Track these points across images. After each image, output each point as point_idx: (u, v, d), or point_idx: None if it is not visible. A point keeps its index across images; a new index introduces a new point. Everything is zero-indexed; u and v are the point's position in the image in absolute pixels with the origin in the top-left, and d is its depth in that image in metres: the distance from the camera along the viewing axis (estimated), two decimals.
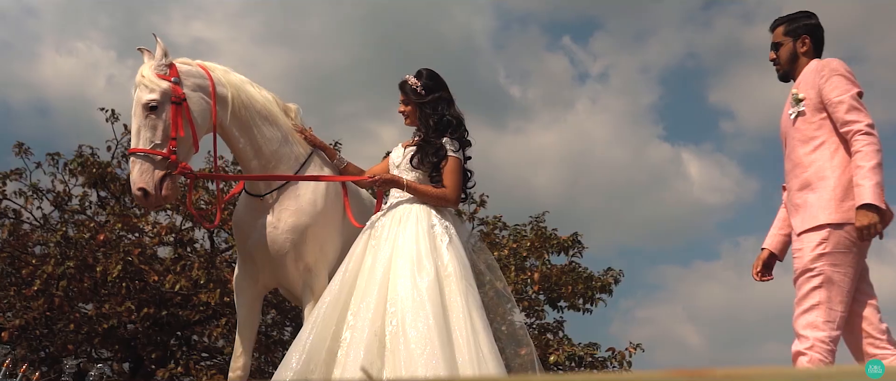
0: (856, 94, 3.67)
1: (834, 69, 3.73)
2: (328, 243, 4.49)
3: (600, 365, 10.86)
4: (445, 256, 4.20)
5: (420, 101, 4.51)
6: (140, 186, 3.92)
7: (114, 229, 10.50)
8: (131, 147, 3.99)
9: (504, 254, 11.28)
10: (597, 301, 11.56)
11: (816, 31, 3.97)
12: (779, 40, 4.00)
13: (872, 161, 3.54)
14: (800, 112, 3.80)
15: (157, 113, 4.00)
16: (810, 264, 3.59)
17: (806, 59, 3.92)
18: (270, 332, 11.38)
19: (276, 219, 4.39)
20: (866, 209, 3.48)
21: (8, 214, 10.99)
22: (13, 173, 11.07)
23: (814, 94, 3.75)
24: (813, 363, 3.51)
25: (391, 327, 3.96)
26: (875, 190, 3.48)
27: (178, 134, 4.02)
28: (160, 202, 4.00)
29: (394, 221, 4.35)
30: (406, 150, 4.53)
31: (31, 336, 10.13)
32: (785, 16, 4.04)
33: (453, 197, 4.42)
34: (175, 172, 4.00)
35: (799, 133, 3.80)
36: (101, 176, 11.23)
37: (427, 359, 3.81)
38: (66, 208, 11.35)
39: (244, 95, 4.33)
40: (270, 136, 4.38)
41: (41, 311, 9.84)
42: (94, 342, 10.30)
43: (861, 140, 3.59)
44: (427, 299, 3.99)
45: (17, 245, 10.60)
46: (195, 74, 4.22)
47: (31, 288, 9.76)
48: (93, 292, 10.16)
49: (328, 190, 4.53)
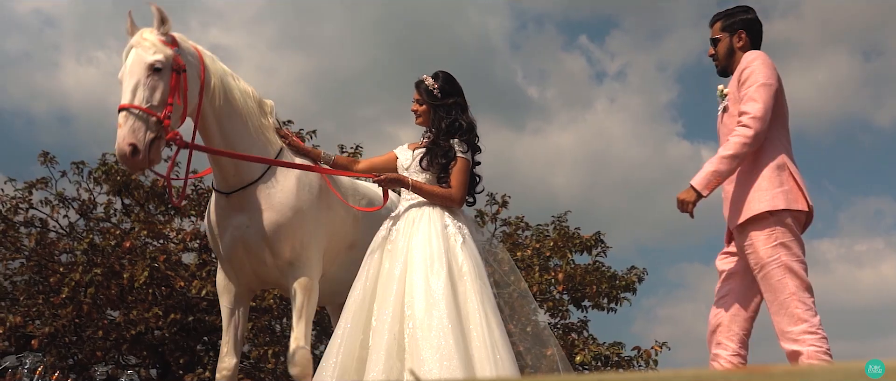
0: (760, 85, 3.70)
1: (749, 62, 3.79)
2: (308, 237, 4.38)
3: (626, 364, 10.82)
4: (459, 255, 4.21)
5: (435, 102, 4.52)
6: (130, 142, 3.75)
7: (139, 235, 10.56)
8: (125, 102, 3.83)
9: (527, 254, 11.28)
10: (621, 301, 11.52)
11: (753, 26, 3.99)
12: (716, 36, 4.04)
13: (727, 151, 3.64)
14: (724, 107, 3.87)
15: (159, 76, 3.92)
16: (767, 257, 3.62)
17: (742, 53, 3.93)
18: None
19: (248, 218, 4.30)
20: (690, 187, 3.64)
21: (35, 223, 11.08)
22: (39, 183, 11.17)
23: (735, 87, 3.81)
24: (810, 357, 3.52)
25: (408, 329, 3.98)
26: (706, 175, 3.64)
27: (175, 101, 3.94)
28: (144, 164, 3.81)
29: (407, 223, 4.36)
30: (415, 152, 4.53)
31: (60, 344, 10.22)
32: (722, 11, 4.07)
33: (458, 197, 4.41)
34: (166, 137, 3.88)
35: (725, 128, 3.85)
36: (124, 184, 11.30)
37: (441, 358, 3.82)
38: (92, 215, 11.45)
39: (225, 86, 4.29)
40: (242, 130, 4.32)
41: (70, 318, 9.92)
42: (123, 349, 10.38)
43: (737, 130, 3.67)
44: (441, 299, 4.00)
45: (44, 254, 10.68)
46: (190, 52, 4.19)
47: (60, 296, 9.83)
48: (120, 298, 10.24)
49: (302, 185, 4.42)
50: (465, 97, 4.61)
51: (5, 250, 10.75)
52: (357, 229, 4.71)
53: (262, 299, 10.00)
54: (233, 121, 4.28)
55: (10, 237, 10.73)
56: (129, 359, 10.88)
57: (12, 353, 9.94)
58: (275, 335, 11.00)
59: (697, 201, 3.66)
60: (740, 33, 3.95)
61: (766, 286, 3.64)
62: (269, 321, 10.68)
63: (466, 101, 4.61)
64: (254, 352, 10.49)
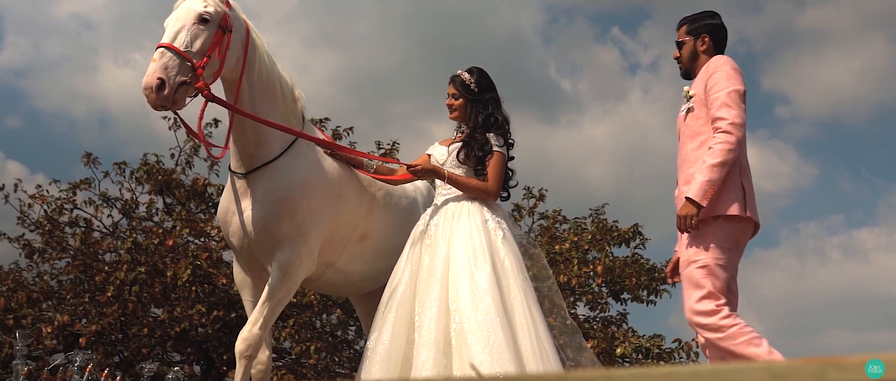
0: (732, 91, 3.76)
1: (718, 66, 3.86)
2: (309, 221, 4.28)
3: (668, 356, 10.76)
4: (501, 250, 4.23)
5: (472, 96, 4.56)
6: (159, 77, 3.75)
7: (181, 234, 10.71)
8: (165, 41, 3.87)
9: (565, 248, 11.26)
10: (661, 293, 11.45)
11: (717, 31, 4.08)
12: (681, 39, 4.12)
13: (716, 159, 3.66)
14: (690, 108, 3.91)
15: (205, 26, 3.95)
16: (694, 256, 3.72)
17: (705, 57, 4.03)
18: (336, 332, 11.51)
19: (253, 200, 4.26)
20: (689, 201, 3.66)
21: (79, 223, 11.27)
22: (83, 183, 11.35)
23: (702, 90, 3.86)
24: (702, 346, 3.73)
25: (455, 324, 4.00)
26: (702, 187, 3.64)
27: (213, 55, 3.94)
28: (167, 103, 3.79)
29: (447, 218, 4.38)
30: (450, 147, 4.56)
31: (106, 341, 10.39)
32: (688, 15, 4.15)
33: (494, 190, 4.44)
34: (197, 85, 3.88)
35: (688, 129, 3.91)
36: (166, 183, 11.46)
37: (491, 352, 3.84)
38: (134, 215, 11.62)
39: (266, 63, 4.30)
40: (271, 108, 4.29)
41: (116, 317, 10.08)
42: (167, 346, 10.53)
43: (718, 137, 3.71)
44: (487, 293, 4.02)
45: (89, 253, 10.86)
46: (240, 21, 4.21)
47: (105, 294, 9.99)
48: (163, 296, 10.38)
49: (315, 168, 4.38)
50: (498, 93, 4.66)
51: (51, 250, 10.95)
52: (370, 221, 4.68)
53: (302, 295, 10.09)
54: (264, 98, 4.27)
55: (55, 237, 10.93)
56: (173, 356, 11.04)
57: (60, 351, 10.14)
58: (316, 330, 11.09)
59: (699, 214, 3.70)
60: (704, 37, 4.04)
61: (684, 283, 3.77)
62: (310, 316, 10.77)
63: (500, 97, 4.66)
64: (296, 348, 10.58)
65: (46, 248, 10.95)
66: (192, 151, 11.67)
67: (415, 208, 4.95)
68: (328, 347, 10.64)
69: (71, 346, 9.87)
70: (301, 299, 10.07)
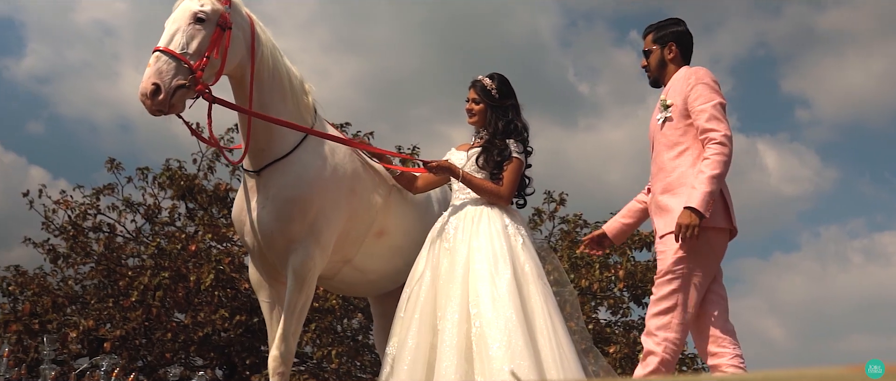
0: (718, 104, 3.80)
1: (700, 78, 3.86)
2: (322, 218, 4.19)
3: (690, 362, 10.71)
4: (521, 256, 4.23)
5: (493, 102, 4.56)
6: (154, 82, 3.66)
7: (203, 239, 10.78)
8: (159, 45, 3.77)
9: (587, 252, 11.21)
10: None
11: (683, 38, 4.09)
12: (648, 48, 4.14)
13: (715, 171, 3.68)
14: (667, 117, 3.91)
15: (201, 26, 3.85)
16: (671, 266, 3.72)
17: (674, 65, 4.05)
18: (357, 336, 11.54)
19: (264, 197, 4.17)
20: (690, 211, 3.64)
21: (103, 228, 11.36)
22: (106, 189, 11.44)
23: (681, 101, 3.86)
24: (662, 362, 3.70)
25: (475, 329, 4.00)
26: (705, 197, 3.64)
27: (212, 55, 3.84)
28: (163, 108, 3.70)
29: (466, 222, 4.37)
30: (469, 152, 4.56)
31: (130, 346, 10.46)
32: (654, 24, 4.17)
33: (506, 195, 4.44)
34: (196, 88, 3.78)
35: (665, 138, 3.91)
36: (188, 188, 11.53)
37: (513, 357, 3.83)
38: (157, 220, 11.70)
39: (273, 59, 4.22)
40: (281, 104, 4.22)
41: (140, 321, 10.15)
42: (191, 350, 10.59)
43: (712, 149, 3.73)
44: (508, 298, 4.02)
45: (113, 258, 10.94)
46: (243, 16, 4.13)
47: (129, 299, 10.07)
48: (187, 301, 10.45)
49: (326, 163, 4.30)
50: (518, 100, 4.67)
51: (76, 255, 11.04)
52: (387, 216, 4.61)
53: (325, 299, 10.12)
54: (273, 93, 4.20)
55: (79, 243, 11.02)
56: (196, 360, 11.10)
57: (85, 356, 10.22)
58: (337, 335, 11.12)
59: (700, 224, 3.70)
60: (671, 45, 4.05)
61: (658, 286, 3.77)
62: (331, 321, 10.80)
63: (519, 103, 4.67)
64: (317, 353, 10.61)
65: (71, 253, 11.04)
66: (213, 157, 11.74)
67: (429, 203, 4.93)
68: (349, 351, 10.66)
69: (96, 351, 9.96)
70: (323, 304, 10.11)
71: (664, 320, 3.74)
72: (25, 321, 9.99)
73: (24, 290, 10.58)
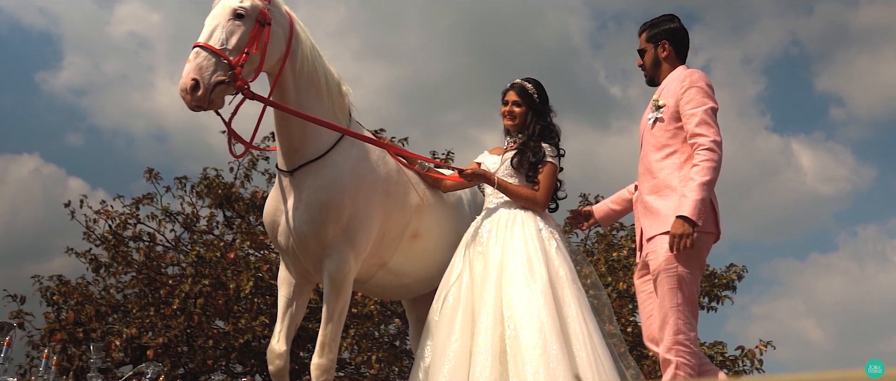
0: (709, 109, 3.76)
1: (693, 82, 3.82)
2: (357, 222, 4.16)
3: (731, 364, 10.61)
4: (555, 259, 4.25)
5: (533, 106, 4.60)
6: (194, 77, 3.68)
7: (242, 247, 10.86)
8: (199, 41, 3.78)
9: (623, 255, 11.17)
10: (723, 299, 11.29)
11: (676, 35, 4.04)
12: (642, 47, 4.10)
13: (705, 177, 3.65)
14: (658, 118, 3.88)
15: (241, 22, 3.85)
16: (666, 264, 3.71)
17: (668, 64, 4.02)
18: (394, 342, 11.56)
19: (297, 199, 4.16)
20: (683, 220, 3.62)
21: (143, 237, 11.49)
22: (145, 198, 11.57)
23: (673, 103, 3.83)
24: (678, 367, 3.67)
25: (509, 331, 4.00)
26: (696, 205, 3.62)
27: (251, 50, 3.85)
28: (203, 103, 3.71)
29: (499, 226, 4.39)
30: (503, 156, 4.59)
31: (172, 354, 10.56)
32: (647, 22, 4.12)
33: (543, 200, 4.46)
34: (235, 84, 3.79)
35: (654, 139, 3.89)
36: (226, 197, 11.63)
37: (548, 362, 3.84)
38: (195, 228, 11.81)
39: (312, 57, 4.21)
40: (317, 103, 4.20)
41: (181, 329, 10.24)
42: (231, 357, 10.66)
43: (702, 154, 3.69)
44: (542, 303, 4.02)
45: (153, 267, 11.07)
46: (282, 13, 4.12)
47: (170, 307, 10.17)
48: (227, 308, 10.53)
49: (361, 165, 4.28)
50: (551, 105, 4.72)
51: (117, 264, 11.17)
52: (421, 219, 4.59)
53: (363, 305, 10.16)
54: (310, 92, 4.18)
55: (121, 252, 11.15)
56: (236, 367, 11.18)
57: (127, 363, 10.34)
58: (376, 340, 11.15)
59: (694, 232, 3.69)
60: (664, 44, 4.02)
61: (658, 292, 3.76)
62: (369, 327, 10.83)
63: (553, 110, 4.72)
64: (357, 358, 10.65)
65: (112, 262, 11.18)
66: (250, 165, 11.83)
67: (461, 206, 4.92)
68: (388, 357, 10.69)
69: (138, 358, 10.06)
70: (361, 310, 10.14)
71: (669, 323, 3.71)
72: (69, 329, 10.13)
73: (68, 299, 10.72)
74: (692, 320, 3.72)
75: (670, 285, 3.69)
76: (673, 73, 3.97)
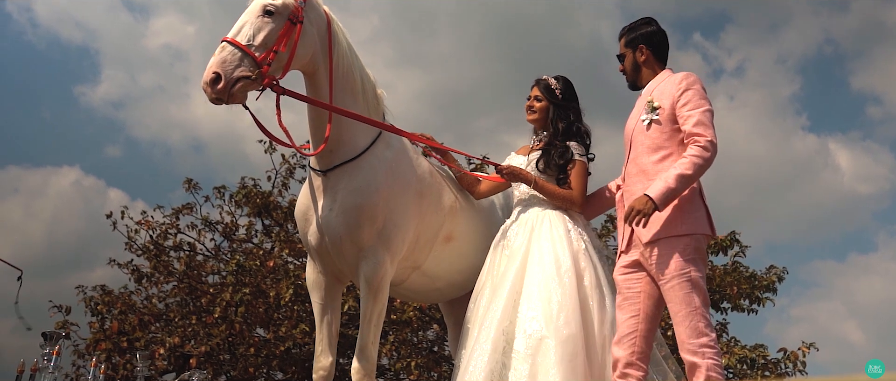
0: (707, 110, 3.76)
1: (690, 84, 3.81)
2: (392, 224, 4.14)
3: (773, 367, 10.49)
4: (582, 262, 4.21)
5: (556, 102, 4.54)
6: (216, 71, 3.66)
7: (280, 255, 10.95)
8: (228, 36, 3.79)
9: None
10: (763, 301, 11.17)
11: (653, 38, 4.04)
12: (622, 52, 4.10)
13: (686, 171, 3.64)
14: (654, 120, 3.85)
15: (270, 19, 3.84)
16: (678, 270, 3.66)
17: (647, 68, 4.02)
18: (433, 347, 11.58)
19: (331, 200, 4.12)
20: (649, 199, 3.61)
21: (183, 247, 11.64)
22: (185, 208, 11.73)
23: (669, 105, 3.81)
24: (708, 369, 3.60)
25: (534, 332, 3.96)
26: (667, 193, 3.62)
27: (279, 48, 3.82)
28: (223, 96, 3.68)
29: (527, 226, 4.35)
30: (530, 156, 4.53)
31: (214, 362, 10.68)
32: (626, 26, 4.12)
33: (578, 199, 4.41)
34: (263, 82, 3.76)
35: (649, 140, 3.86)
36: (264, 205, 11.74)
37: (574, 367, 3.84)
38: (234, 237, 11.93)
39: (350, 61, 4.20)
40: (352, 104, 4.17)
41: (223, 337, 10.35)
42: (273, 365, 10.75)
43: (694, 150, 3.68)
44: (570, 304, 4.01)
45: (194, 276, 11.20)
46: (319, 13, 4.11)
47: (212, 315, 10.29)
48: (267, 316, 10.62)
49: (395, 167, 4.26)
50: (580, 105, 4.65)
51: (158, 274, 11.32)
52: (455, 222, 4.58)
53: (402, 311, 10.19)
54: (344, 92, 4.16)
55: (162, 262, 11.30)
56: (278, 374, 11.27)
57: (171, 371, 10.48)
58: (415, 346, 11.18)
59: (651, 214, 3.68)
60: (641, 48, 4.03)
61: (672, 297, 3.70)
62: (408, 333, 10.87)
63: (581, 109, 4.64)
64: (397, 364, 10.68)
65: (154, 272, 11.33)
66: (287, 174, 11.94)
67: (494, 209, 4.91)
68: (427, 362, 10.71)
69: (181, 367, 10.19)
70: (400, 317, 10.17)
71: (691, 327, 3.67)
72: (114, 339, 10.28)
73: (111, 309, 10.88)
74: (711, 321, 3.73)
75: (685, 289, 3.67)
76: (665, 76, 3.97)
